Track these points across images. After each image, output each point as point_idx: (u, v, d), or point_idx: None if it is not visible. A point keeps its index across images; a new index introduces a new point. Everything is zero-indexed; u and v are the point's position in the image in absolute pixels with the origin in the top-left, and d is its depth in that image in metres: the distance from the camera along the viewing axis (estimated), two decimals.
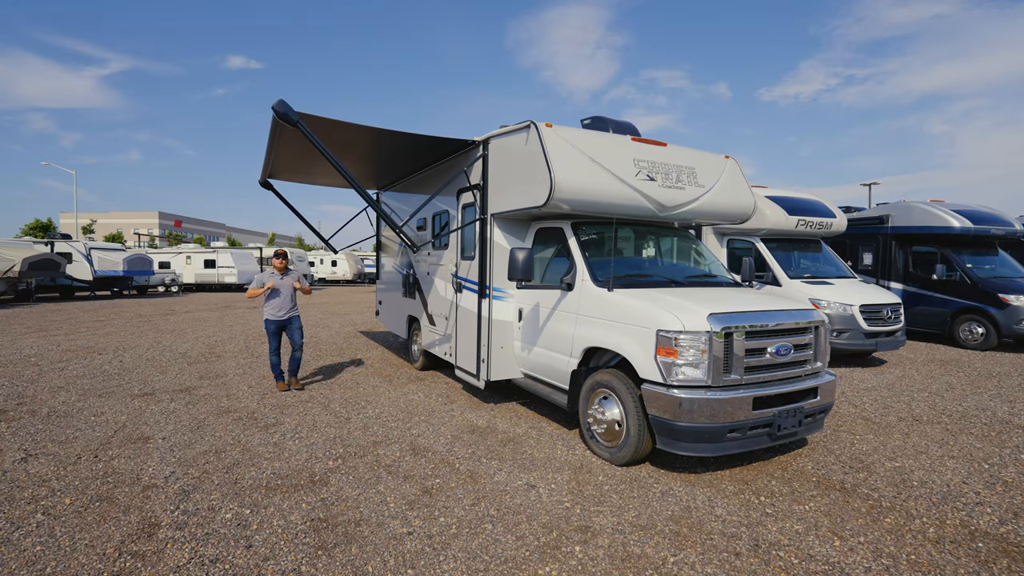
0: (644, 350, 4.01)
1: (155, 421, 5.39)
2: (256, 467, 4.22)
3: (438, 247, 7.31)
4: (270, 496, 3.71)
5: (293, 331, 6.74)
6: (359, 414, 5.72)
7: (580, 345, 4.68)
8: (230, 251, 30.81)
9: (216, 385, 6.97)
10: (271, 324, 6.63)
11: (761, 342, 4.03)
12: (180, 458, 4.40)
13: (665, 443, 3.95)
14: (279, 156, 6.99)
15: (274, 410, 5.83)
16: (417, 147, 6.31)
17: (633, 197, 5.00)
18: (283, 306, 6.62)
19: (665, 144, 5.45)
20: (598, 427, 4.46)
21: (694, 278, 5.34)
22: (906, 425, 5.51)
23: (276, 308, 6.61)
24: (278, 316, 6.63)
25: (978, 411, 6.06)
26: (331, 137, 5.62)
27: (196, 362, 8.58)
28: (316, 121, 5.14)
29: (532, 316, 5.42)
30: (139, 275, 25.44)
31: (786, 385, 4.11)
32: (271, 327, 6.64)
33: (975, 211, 11.92)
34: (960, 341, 10.93)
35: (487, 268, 5.71)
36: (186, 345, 10.25)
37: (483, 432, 5.13)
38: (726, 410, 3.79)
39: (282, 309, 6.62)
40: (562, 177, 4.61)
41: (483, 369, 5.75)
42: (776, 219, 9.50)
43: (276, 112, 4.76)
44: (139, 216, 78.59)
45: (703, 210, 5.48)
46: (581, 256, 4.88)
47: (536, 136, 4.78)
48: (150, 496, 3.70)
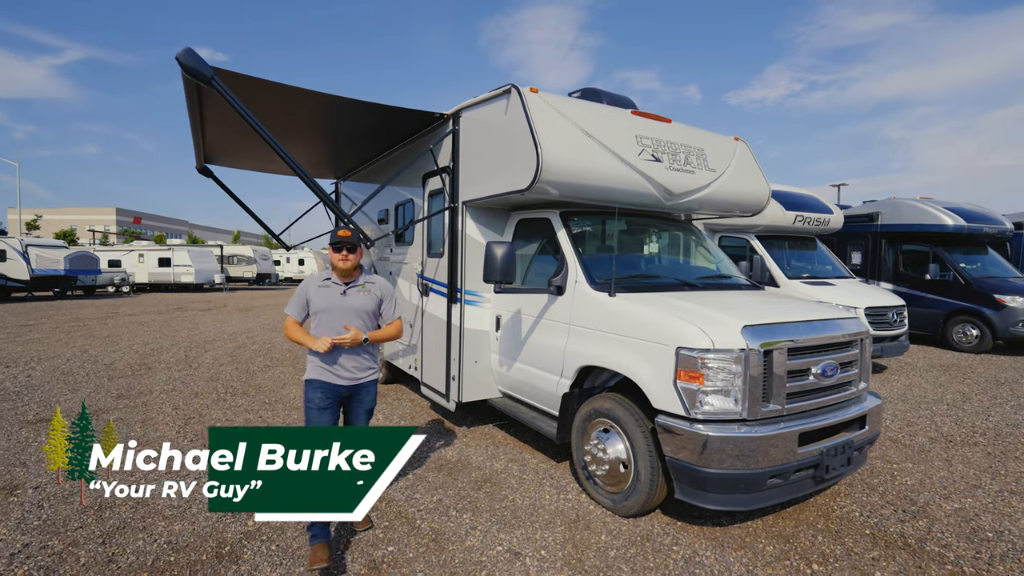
0: (659, 373, 3.12)
1: (36, 460, 4.25)
2: (148, 532, 3.16)
3: (402, 242, 6.30)
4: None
5: (360, 413, 3.20)
6: None
7: (573, 363, 3.77)
8: (187, 249, 28.89)
9: (133, 407, 5.81)
10: (318, 391, 3.01)
11: (805, 361, 3.18)
12: (47, 520, 3.31)
13: (686, 493, 3.07)
14: (210, 133, 5.86)
15: (195, 441, 4.74)
16: (373, 123, 5.29)
17: (635, 180, 4.11)
18: (349, 355, 3.06)
19: (670, 120, 4.59)
20: (597, 467, 3.55)
21: (708, 280, 4.48)
22: (941, 448, 4.79)
23: (332, 357, 3.03)
24: (337, 376, 3.03)
25: (1010, 428, 5.41)
26: (265, 107, 4.55)
27: (120, 376, 7.36)
28: (240, 82, 4.08)
29: (513, 325, 4.49)
30: (84, 274, 23.47)
31: (833, 414, 3.28)
32: (317, 397, 3.01)
33: (967, 209, 11.52)
34: (953, 343, 10.47)
35: (458, 267, 4.74)
36: (115, 355, 8.96)
37: (453, 469, 4.17)
38: (766, 450, 2.93)
39: (346, 362, 3.06)
40: (551, 154, 3.69)
41: (453, 388, 4.79)
42: (773, 214, 8.78)
43: (183, 65, 3.65)
44: (95, 212, 74.61)
45: (714, 198, 4.63)
46: (573, 252, 3.97)
47: (519, 104, 3.84)
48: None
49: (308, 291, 3.10)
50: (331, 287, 3.10)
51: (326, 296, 3.08)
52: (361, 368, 3.15)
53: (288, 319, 3.11)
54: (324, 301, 3.07)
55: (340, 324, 3.03)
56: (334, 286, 3.11)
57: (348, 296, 3.10)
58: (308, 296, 3.08)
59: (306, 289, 3.11)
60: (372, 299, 3.16)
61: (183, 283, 28.28)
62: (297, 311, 3.10)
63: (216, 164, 7.49)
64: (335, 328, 3.04)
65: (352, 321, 3.06)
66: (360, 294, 3.13)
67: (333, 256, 3.08)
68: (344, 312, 3.07)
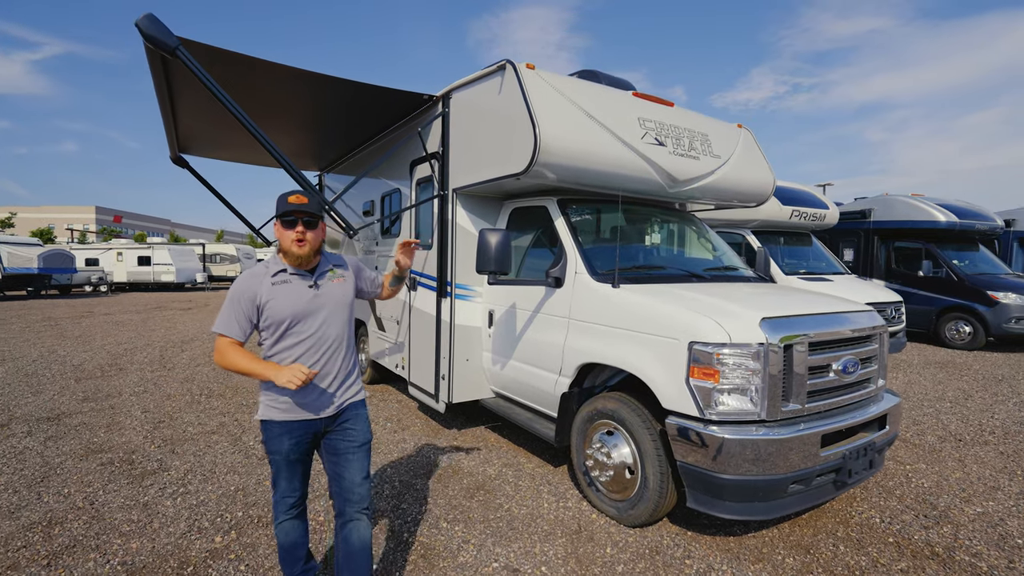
0: (669, 370, 2.86)
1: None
2: (100, 552, 2.82)
3: (388, 235, 5.98)
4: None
5: (348, 460, 2.18)
6: None
7: (573, 360, 3.49)
8: (167, 247, 28.12)
9: (99, 410, 5.42)
10: (289, 437, 2.13)
11: (825, 356, 2.94)
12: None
13: (699, 501, 2.80)
14: (183, 117, 5.49)
15: (164, 447, 4.38)
16: (358, 106, 4.96)
17: (638, 165, 3.85)
18: (320, 378, 2.14)
19: (672, 104, 4.34)
20: (600, 473, 3.28)
21: (715, 271, 4.23)
22: (952, 447, 4.60)
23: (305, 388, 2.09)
24: (312, 410, 2.14)
25: (1017, 426, 5.25)
26: (240, 86, 4.21)
27: (88, 377, 6.93)
28: (211, 54, 3.73)
29: (507, 320, 4.21)
30: (58, 273, 22.70)
31: (853, 414, 3.05)
32: (288, 446, 2.13)
33: (958, 206, 11.48)
34: (946, 340, 10.40)
35: (448, 259, 4.45)
36: (85, 355, 8.50)
37: (443, 475, 3.88)
38: (787, 454, 2.68)
39: (324, 383, 2.16)
40: (549, 134, 3.41)
41: (443, 388, 4.49)
42: (770, 209, 8.61)
43: (144, 33, 3.28)
44: (74, 210, 72.86)
45: (719, 186, 4.39)
46: (573, 242, 3.69)
47: (514, 81, 3.56)
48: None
49: (256, 293, 2.04)
50: (292, 282, 2.09)
51: (289, 296, 2.07)
52: (344, 385, 2.21)
53: (222, 341, 2.03)
54: (288, 304, 2.05)
55: (327, 334, 2.14)
56: (295, 279, 2.10)
57: (323, 289, 2.15)
58: (259, 301, 2.04)
59: (250, 291, 2.04)
60: (350, 284, 2.28)
61: (164, 282, 27.51)
62: (239, 327, 2.04)
63: (193, 154, 7.10)
64: (318, 344, 2.12)
65: (336, 322, 2.18)
66: (336, 282, 2.21)
67: (284, 235, 2.07)
68: (326, 314, 2.13)
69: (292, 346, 2.10)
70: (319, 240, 2.15)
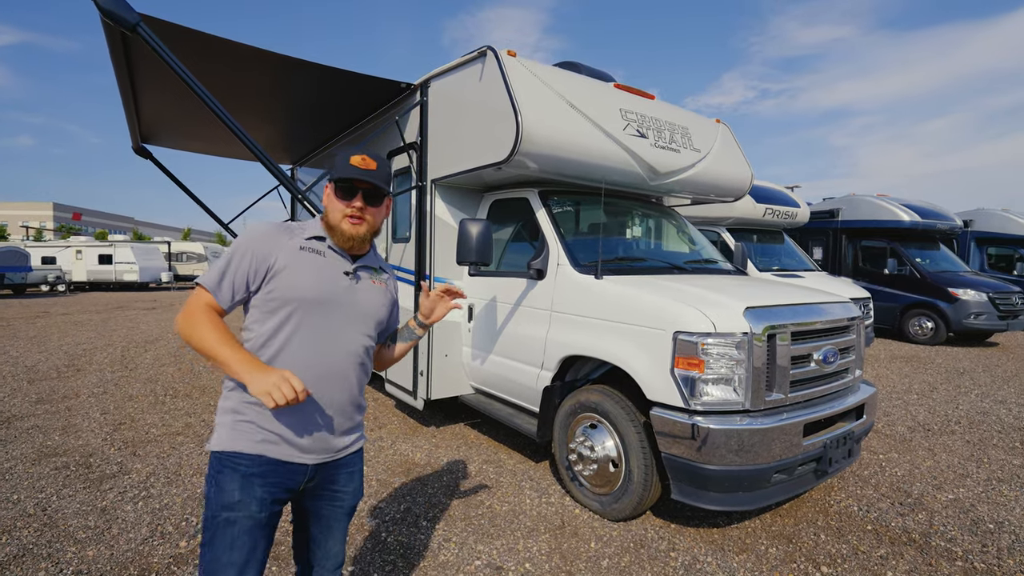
0: (653, 360, 2.82)
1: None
2: (52, 560, 2.63)
3: None
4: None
5: (331, 528, 1.64)
6: None
7: (556, 353, 3.44)
8: (130, 245, 27.03)
9: (55, 413, 5.12)
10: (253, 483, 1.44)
11: (807, 346, 2.95)
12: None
13: (684, 493, 2.78)
14: (146, 104, 5.24)
15: (124, 449, 4.15)
16: (333, 93, 4.81)
17: (620, 156, 3.82)
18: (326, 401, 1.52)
19: (653, 97, 4.32)
20: (584, 467, 3.23)
21: (695, 263, 4.23)
22: (922, 437, 4.72)
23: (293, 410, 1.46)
24: (300, 448, 1.50)
25: (980, 416, 5.43)
26: (207, 69, 4.02)
27: (43, 379, 6.56)
28: (174, 33, 3.53)
29: (487, 314, 4.13)
30: (11, 271, 21.60)
31: (833, 404, 3.07)
32: (251, 496, 1.43)
33: (921, 206, 11.91)
34: (909, 336, 10.76)
35: (426, 252, 4.34)
36: (40, 356, 8.05)
37: (422, 473, 3.77)
38: (771, 444, 2.67)
39: (320, 415, 1.52)
40: (532, 122, 3.34)
41: (421, 384, 4.38)
42: (744, 207, 8.75)
43: (101, 8, 3.07)
44: (30, 207, 69.57)
45: (699, 180, 4.40)
46: (555, 233, 3.63)
47: (496, 68, 3.48)
48: None
49: (272, 253, 1.49)
50: (327, 255, 1.56)
51: (316, 272, 1.53)
52: (347, 426, 1.60)
53: (198, 298, 1.45)
54: (310, 280, 1.50)
55: (342, 340, 1.55)
56: (332, 255, 1.58)
57: (360, 284, 1.61)
58: (273, 263, 1.48)
59: (266, 247, 1.49)
60: (388, 296, 1.73)
61: (126, 281, 26.44)
62: (230, 289, 1.46)
63: (156, 144, 6.80)
64: (325, 348, 1.52)
65: (359, 331, 1.60)
66: (376, 284, 1.66)
67: (335, 207, 1.56)
68: (352, 314, 1.58)
69: (289, 335, 1.48)
70: (379, 222, 1.63)
